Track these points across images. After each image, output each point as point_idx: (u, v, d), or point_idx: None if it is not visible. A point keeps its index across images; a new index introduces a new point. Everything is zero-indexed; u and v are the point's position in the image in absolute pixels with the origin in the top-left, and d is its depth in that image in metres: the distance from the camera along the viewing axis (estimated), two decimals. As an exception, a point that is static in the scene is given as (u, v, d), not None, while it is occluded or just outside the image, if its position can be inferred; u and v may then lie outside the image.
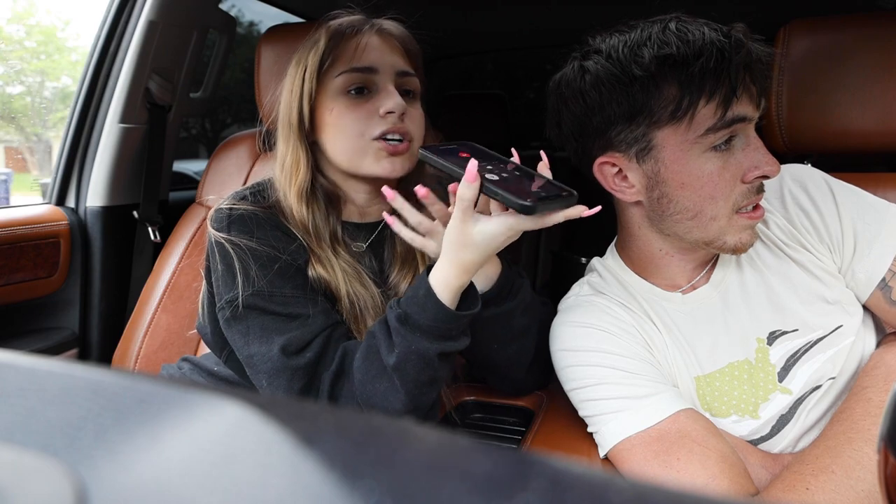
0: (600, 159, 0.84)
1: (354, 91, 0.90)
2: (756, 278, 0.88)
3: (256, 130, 0.98)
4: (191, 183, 2.26)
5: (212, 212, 0.92)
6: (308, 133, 0.93)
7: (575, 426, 0.91)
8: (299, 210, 0.91)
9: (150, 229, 1.56)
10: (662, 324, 0.89)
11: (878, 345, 0.86)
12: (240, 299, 0.85)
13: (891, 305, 0.84)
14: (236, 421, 0.24)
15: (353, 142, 0.89)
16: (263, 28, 1.49)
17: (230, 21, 1.71)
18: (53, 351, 1.44)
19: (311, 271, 0.90)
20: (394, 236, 0.97)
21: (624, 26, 0.82)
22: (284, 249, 0.89)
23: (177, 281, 1.36)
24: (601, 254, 1.01)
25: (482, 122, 2.69)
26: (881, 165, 1.40)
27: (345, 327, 0.91)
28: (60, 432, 0.23)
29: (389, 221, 0.85)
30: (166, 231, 1.48)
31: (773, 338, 0.86)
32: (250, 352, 0.86)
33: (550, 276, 2.64)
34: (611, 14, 0.86)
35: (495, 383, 1.07)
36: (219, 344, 0.97)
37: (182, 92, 1.62)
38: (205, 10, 1.58)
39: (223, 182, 1.46)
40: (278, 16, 1.99)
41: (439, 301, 0.77)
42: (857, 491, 0.68)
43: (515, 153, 0.79)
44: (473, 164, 0.70)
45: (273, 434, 0.23)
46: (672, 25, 0.77)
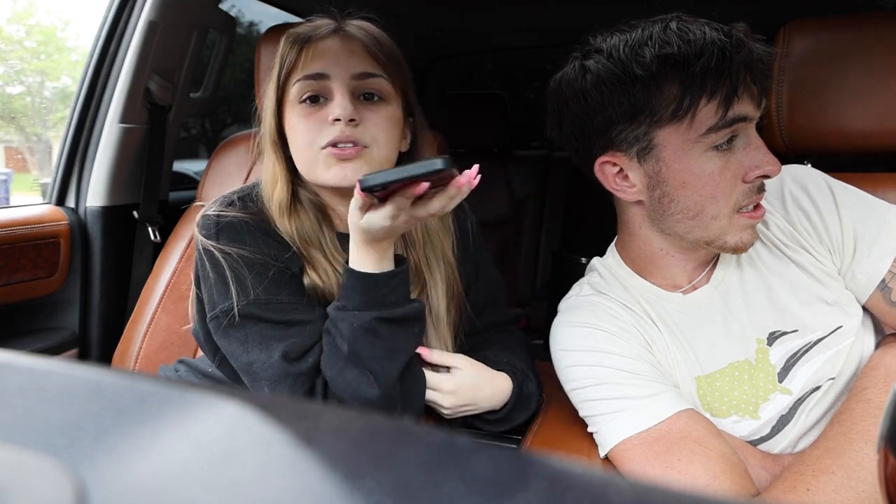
0: (601, 159, 0.84)
1: (309, 100, 0.87)
2: (756, 279, 0.88)
3: (256, 130, 0.97)
4: (191, 183, 2.26)
5: (199, 217, 0.90)
6: (282, 144, 0.91)
7: (575, 426, 0.91)
8: (282, 223, 0.90)
9: (150, 229, 1.56)
10: (663, 324, 0.88)
11: (878, 346, 0.86)
12: (235, 309, 0.84)
13: (890, 306, 0.84)
14: (236, 421, 0.24)
15: (306, 152, 0.87)
16: (263, 28, 1.49)
17: (230, 21, 1.71)
18: (53, 351, 1.44)
19: (307, 279, 0.88)
20: (396, 247, 0.95)
21: (625, 26, 0.82)
22: (278, 257, 0.87)
23: (177, 281, 1.36)
24: (601, 254, 1.01)
25: (482, 122, 2.69)
26: (881, 165, 1.40)
27: None
28: (60, 432, 0.23)
29: None
30: (166, 231, 1.48)
31: (773, 338, 0.86)
32: (249, 359, 0.84)
33: (550, 276, 2.64)
34: (611, 14, 0.86)
35: None
36: (212, 348, 0.95)
37: (182, 92, 1.62)
38: (205, 10, 1.58)
39: (223, 182, 1.46)
40: (278, 16, 1.99)
41: (358, 272, 0.80)
42: (858, 492, 0.68)
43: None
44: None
45: (273, 434, 0.23)
46: (673, 25, 0.77)
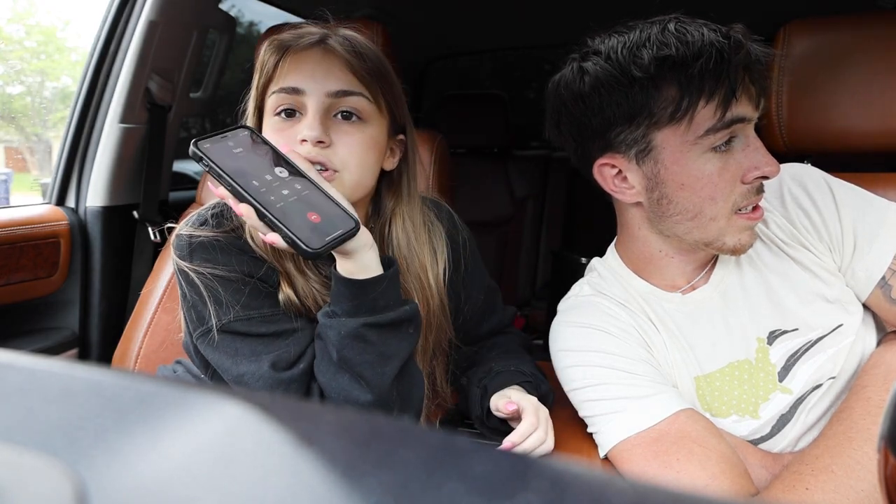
0: (600, 161, 0.84)
1: (284, 113, 0.85)
2: (756, 278, 0.88)
3: None
4: (191, 183, 2.26)
5: (173, 237, 0.89)
6: None
7: (575, 426, 0.91)
8: (256, 236, 0.87)
9: (150, 229, 1.56)
10: (662, 324, 0.89)
11: (879, 344, 0.86)
12: (214, 330, 0.83)
13: (891, 304, 0.84)
14: (236, 421, 0.24)
15: None
16: (263, 28, 1.49)
17: (230, 21, 1.71)
18: (53, 351, 1.44)
19: (281, 294, 0.87)
20: None
21: (623, 27, 0.82)
22: (253, 273, 0.86)
23: (177, 281, 1.36)
24: (601, 254, 1.01)
25: (482, 122, 2.69)
26: (881, 165, 1.40)
27: None
28: (60, 432, 0.23)
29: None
30: (166, 231, 1.48)
31: (773, 337, 0.86)
32: (240, 371, 0.84)
33: (550, 276, 2.64)
34: (611, 14, 0.86)
35: None
36: (203, 363, 0.95)
37: (182, 92, 1.62)
38: (205, 10, 1.58)
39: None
40: (278, 16, 1.99)
41: (344, 278, 0.79)
42: (858, 491, 0.68)
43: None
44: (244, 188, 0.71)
45: (273, 434, 0.23)
46: (671, 26, 0.77)
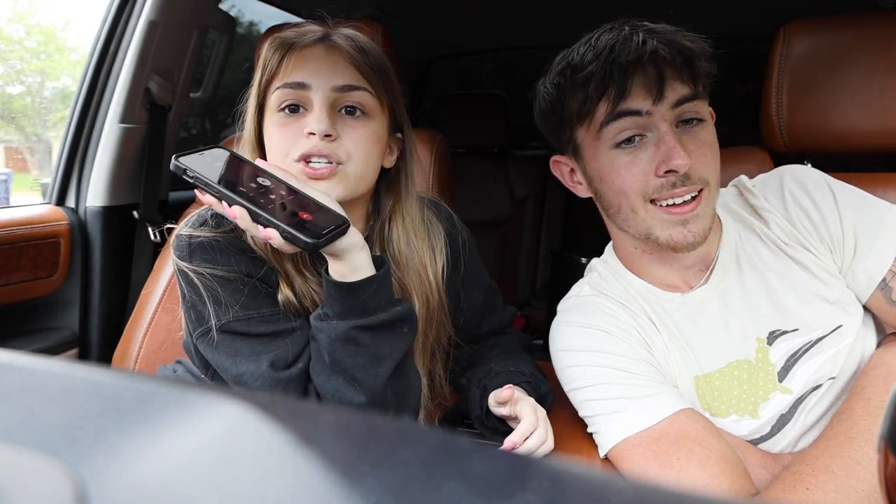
0: (553, 158, 0.95)
1: (288, 108, 0.85)
2: (756, 278, 0.88)
3: (238, 136, 0.96)
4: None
5: (173, 238, 0.89)
6: (259, 150, 0.91)
7: (575, 426, 0.91)
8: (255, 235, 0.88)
9: (150, 229, 1.56)
10: (662, 324, 0.88)
11: (879, 345, 0.86)
12: (213, 330, 0.84)
13: (891, 306, 0.84)
14: (236, 421, 0.24)
15: (280, 162, 0.85)
16: (263, 28, 1.49)
17: (230, 21, 1.71)
18: (53, 351, 1.44)
19: (280, 294, 0.87)
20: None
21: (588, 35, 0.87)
22: (252, 273, 0.86)
23: (177, 281, 1.35)
24: (601, 254, 1.01)
25: (482, 122, 2.69)
26: (881, 165, 1.40)
27: None
28: (60, 432, 0.23)
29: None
30: (166, 231, 1.48)
31: (773, 337, 0.86)
32: (239, 371, 0.84)
33: (550, 276, 2.64)
34: (611, 14, 0.86)
35: None
36: (203, 363, 0.95)
37: (182, 92, 1.62)
38: (205, 10, 1.58)
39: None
40: (278, 16, 1.99)
41: (334, 281, 0.80)
42: (858, 491, 0.68)
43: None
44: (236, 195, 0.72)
45: (273, 434, 0.23)
46: (598, 34, 0.84)
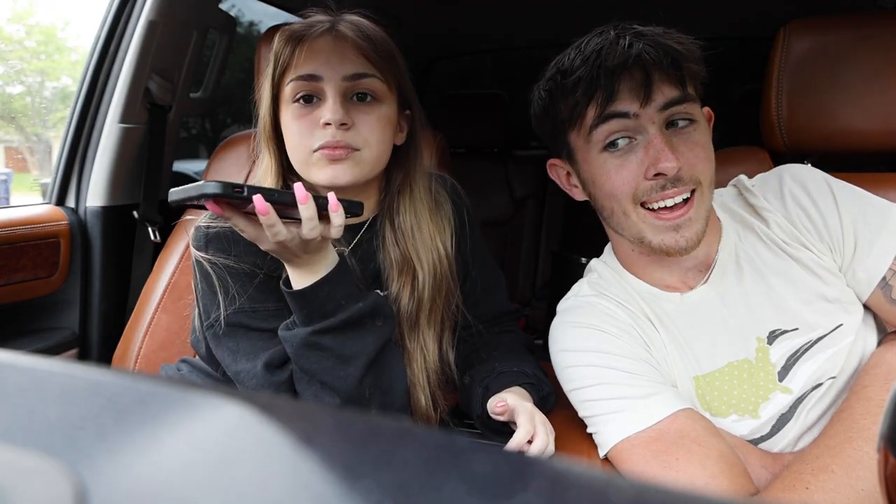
0: (550, 161, 0.96)
1: (302, 100, 0.87)
2: (755, 278, 0.88)
3: (256, 130, 0.97)
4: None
5: (192, 230, 0.92)
6: (277, 139, 0.92)
7: (575, 426, 0.91)
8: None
9: (150, 229, 1.55)
10: (661, 324, 0.88)
11: (879, 343, 0.86)
12: (221, 318, 0.86)
13: (891, 304, 0.84)
14: (236, 421, 0.24)
15: (299, 153, 0.88)
16: (263, 28, 1.49)
17: (230, 21, 1.71)
18: (53, 351, 1.44)
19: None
20: (385, 245, 0.95)
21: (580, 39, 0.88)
22: (262, 263, 0.88)
23: (177, 281, 1.36)
24: (601, 254, 1.01)
25: (482, 121, 2.69)
26: (881, 165, 1.40)
27: None
28: (60, 432, 0.23)
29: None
30: (166, 231, 1.48)
31: (773, 337, 0.85)
32: (237, 369, 0.87)
33: (550, 276, 2.64)
34: (611, 14, 0.86)
35: None
36: (214, 359, 0.96)
37: (182, 92, 1.62)
38: (205, 10, 1.58)
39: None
40: (278, 15, 1.99)
41: (289, 291, 0.82)
42: (857, 490, 0.68)
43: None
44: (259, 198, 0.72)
45: (273, 434, 0.23)
46: (587, 39, 0.84)
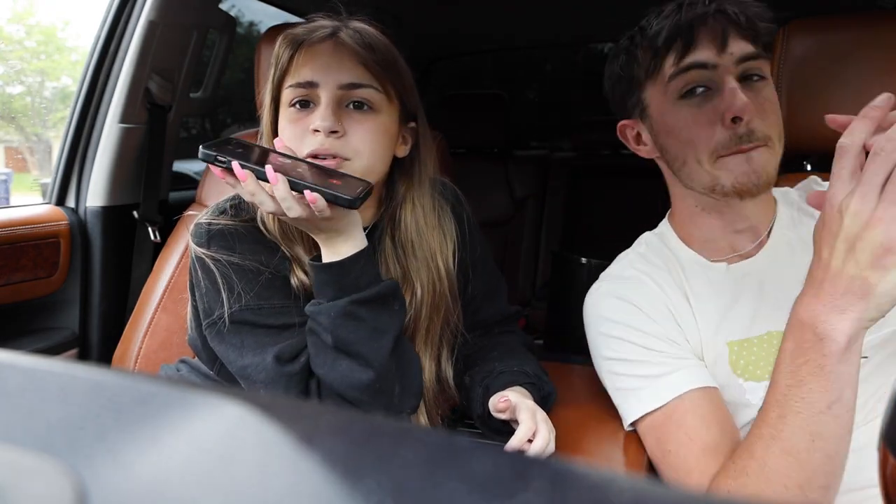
0: (621, 123, 0.97)
1: (298, 104, 0.88)
2: (807, 259, 0.85)
3: (256, 130, 0.97)
4: (191, 183, 2.26)
5: (192, 226, 0.91)
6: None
7: (575, 426, 0.91)
8: (269, 220, 0.90)
9: (150, 229, 1.55)
10: (697, 297, 0.89)
11: None
12: (225, 316, 0.85)
13: None
14: (236, 421, 0.24)
15: None
16: (263, 28, 1.49)
17: (230, 21, 1.71)
18: (53, 351, 1.44)
19: (294, 279, 0.89)
20: (384, 259, 0.95)
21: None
22: (268, 262, 0.88)
23: (177, 281, 1.36)
24: (601, 254, 1.01)
25: (482, 122, 2.69)
26: (881, 165, 1.40)
27: None
28: (60, 432, 0.23)
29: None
30: (166, 231, 1.48)
31: None
32: (244, 363, 0.86)
33: (550, 276, 2.64)
34: (611, 14, 0.86)
35: None
36: (211, 357, 0.96)
37: (182, 92, 1.62)
38: (205, 10, 1.58)
39: (223, 182, 1.44)
40: (278, 16, 1.99)
41: (321, 265, 0.83)
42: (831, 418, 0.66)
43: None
44: (271, 168, 0.75)
45: (273, 434, 0.23)
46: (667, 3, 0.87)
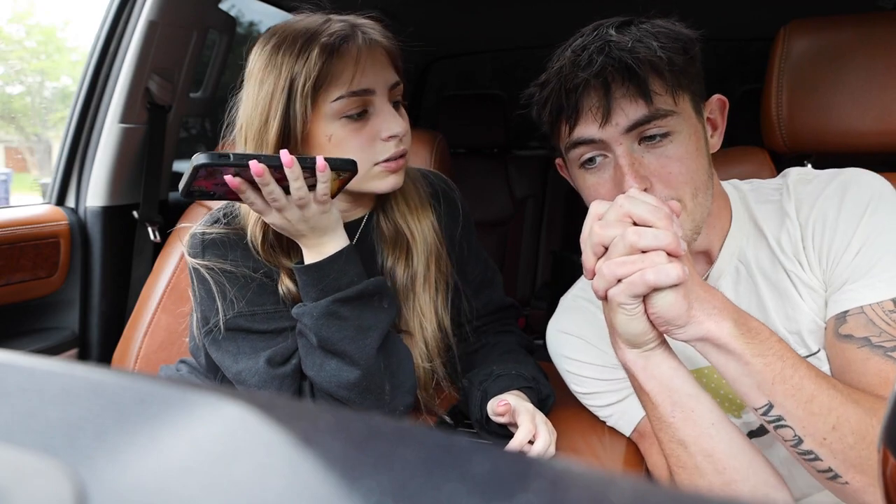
0: (557, 160, 0.89)
1: (356, 115, 0.85)
2: (749, 286, 0.84)
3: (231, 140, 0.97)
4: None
5: (187, 237, 0.92)
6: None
7: (574, 426, 0.91)
8: (252, 231, 0.89)
9: (150, 229, 1.56)
10: None
11: None
12: (221, 324, 0.87)
13: (837, 338, 0.77)
14: (236, 421, 0.24)
15: (363, 168, 0.85)
16: (263, 28, 1.49)
17: (230, 21, 1.71)
18: (53, 351, 1.44)
19: (282, 287, 0.90)
20: (379, 226, 0.97)
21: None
22: (258, 269, 0.89)
23: (177, 281, 1.36)
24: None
25: (482, 122, 2.69)
26: (882, 165, 1.40)
27: None
28: (60, 432, 0.23)
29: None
30: (166, 231, 1.48)
31: None
32: (238, 368, 0.87)
33: (550, 276, 2.64)
34: (609, 13, 0.86)
35: None
36: (213, 367, 0.97)
37: (182, 92, 1.62)
38: (205, 10, 1.58)
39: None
40: (278, 16, 1.99)
41: (303, 267, 0.84)
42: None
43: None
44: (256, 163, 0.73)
45: (273, 434, 0.23)
46: (566, 45, 0.80)
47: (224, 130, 0.92)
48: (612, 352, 0.83)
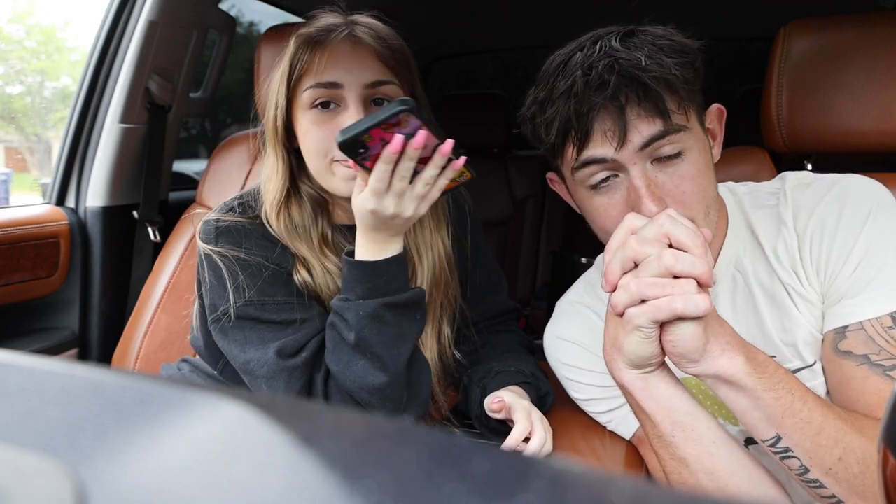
0: (548, 175, 0.89)
1: (320, 106, 0.86)
2: (746, 295, 0.84)
3: (256, 130, 0.98)
4: (191, 183, 2.26)
5: (200, 224, 0.92)
6: (286, 141, 0.92)
7: (574, 426, 0.91)
8: (272, 219, 0.90)
9: (150, 229, 1.56)
10: None
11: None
12: (231, 311, 0.86)
13: (835, 354, 0.77)
14: (236, 421, 0.24)
15: (318, 161, 0.87)
16: (263, 28, 1.49)
17: (230, 21, 1.71)
18: (53, 351, 1.44)
19: (297, 276, 0.90)
20: None
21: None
22: (272, 258, 0.89)
23: (177, 281, 1.36)
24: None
25: (482, 122, 2.69)
26: (882, 165, 1.40)
27: None
28: (60, 432, 0.23)
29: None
30: (166, 231, 1.48)
31: None
32: (247, 358, 0.86)
33: (550, 276, 2.64)
34: (611, 14, 0.86)
35: None
36: (213, 356, 0.97)
37: (182, 92, 1.62)
38: (205, 10, 1.58)
39: (223, 182, 1.46)
40: (278, 16, 1.99)
41: (357, 262, 0.82)
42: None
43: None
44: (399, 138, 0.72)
45: (273, 434, 0.23)
46: (564, 59, 0.76)
47: (253, 118, 0.96)
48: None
